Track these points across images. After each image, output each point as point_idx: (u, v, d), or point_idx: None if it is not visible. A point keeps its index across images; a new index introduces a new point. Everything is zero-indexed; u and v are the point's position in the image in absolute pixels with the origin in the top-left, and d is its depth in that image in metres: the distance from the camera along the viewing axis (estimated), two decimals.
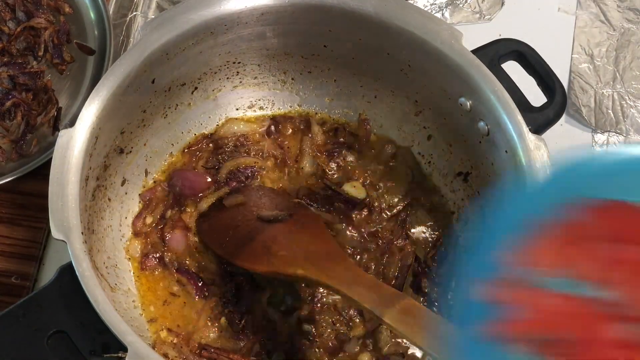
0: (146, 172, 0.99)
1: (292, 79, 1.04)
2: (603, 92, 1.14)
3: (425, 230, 1.00)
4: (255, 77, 1.03)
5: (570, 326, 0.48)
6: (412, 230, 0.99)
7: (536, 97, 0.89)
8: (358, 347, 0.90)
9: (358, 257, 0.96)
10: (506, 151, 0.86)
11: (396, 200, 1.01)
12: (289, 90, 1.06)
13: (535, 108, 0.89)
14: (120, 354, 0.76)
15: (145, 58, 0.85)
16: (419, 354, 0.92)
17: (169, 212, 0.97)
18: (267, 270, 0.85)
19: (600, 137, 1.13)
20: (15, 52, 1.06)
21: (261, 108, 1.06)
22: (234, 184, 0.99)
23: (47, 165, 0.87)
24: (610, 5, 1.22)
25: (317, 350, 0.90)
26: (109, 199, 0.92)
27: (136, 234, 0.96)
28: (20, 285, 0.99)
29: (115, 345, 0.75)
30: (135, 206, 0.97)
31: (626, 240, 0.50)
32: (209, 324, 0.91)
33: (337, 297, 0.92)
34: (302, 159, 1.02)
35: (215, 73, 0.99)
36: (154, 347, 0.84)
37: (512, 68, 0.91)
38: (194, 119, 1.03)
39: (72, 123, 0.82)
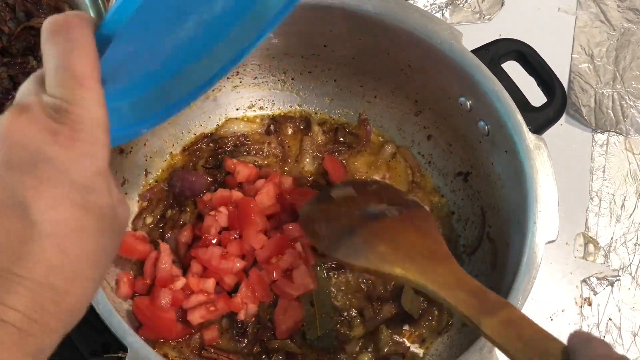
0: (146, 172, 0.99)
1: (292, 79, 1.04)
2: (603, 92, 1.14)
3: None
4: (255, 77, 1.03)
5: None
6: None
7: (536, 97, 0.89)
8: (358, 347, 0.90)
9: None
10: (506, 151, 0.86)
11: None
12: (289, 90, 1.06)
13: (535, 108, 0.89)
14: (120, 354, 0.76)
15: None
16: (418, 353, 0.92)
17: (169, 212, 0.97)
18: (363, 267, 0.80)
19: (600, 137, 1.13)
20: (15, 52, 1.06)
21: (261, 108, 1.06)
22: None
23: None
24: (610, 5, 1.22)
25: (317, 350, 0.90)
26: None
27: None
28: None
29: (115, 345, 0.75)
30: (135, 206, 0.97)
31: None
32: (210, 324, 0.91)
33: (336, 297, 0.92)
34: (302, 159, 1.02)
35: None
36: (154, 347, 0.84)
37: (512, 68, 0.91)
38: (194, 119, 1.03)
39: None
